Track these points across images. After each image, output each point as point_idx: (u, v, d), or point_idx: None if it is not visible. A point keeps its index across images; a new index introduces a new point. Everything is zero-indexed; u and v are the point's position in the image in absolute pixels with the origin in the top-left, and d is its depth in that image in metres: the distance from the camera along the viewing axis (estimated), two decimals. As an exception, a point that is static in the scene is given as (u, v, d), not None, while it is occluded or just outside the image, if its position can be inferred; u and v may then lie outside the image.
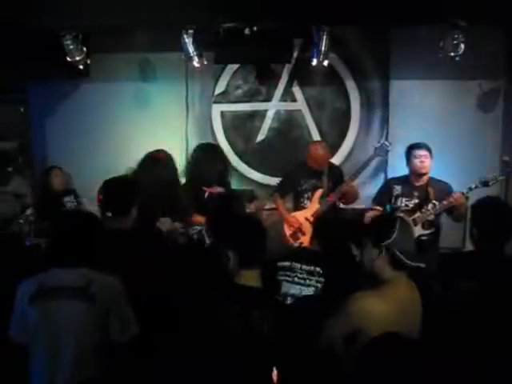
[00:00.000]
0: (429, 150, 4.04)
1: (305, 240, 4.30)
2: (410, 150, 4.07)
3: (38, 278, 2.26)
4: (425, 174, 4.06)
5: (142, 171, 3.86)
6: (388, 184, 4.33)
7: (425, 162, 4.01)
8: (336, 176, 4.45)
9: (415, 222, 3.98)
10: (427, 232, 4.00)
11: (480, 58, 4.72)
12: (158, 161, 3.96)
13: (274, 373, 2.20)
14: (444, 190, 3.98)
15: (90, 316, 2.18)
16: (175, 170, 4.03)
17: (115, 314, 2.23)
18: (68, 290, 2.20)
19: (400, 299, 2.14)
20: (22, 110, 5.47)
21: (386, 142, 4.41)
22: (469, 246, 2.92)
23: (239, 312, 2.00)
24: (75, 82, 5.28)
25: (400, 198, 4.10)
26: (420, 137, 4.37)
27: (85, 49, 4.57)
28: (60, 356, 2.16)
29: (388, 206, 4.13)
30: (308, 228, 4.28)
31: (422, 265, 2.17)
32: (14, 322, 2.26)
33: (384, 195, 4.23)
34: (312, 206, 4.40)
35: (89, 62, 4.72)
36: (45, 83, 5.24)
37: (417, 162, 4.02)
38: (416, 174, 4.07)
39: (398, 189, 4.13)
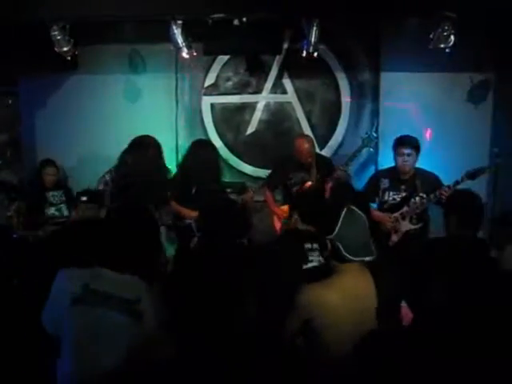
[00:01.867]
0: (415, 146, 3.99)
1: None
2: (396, 145, 4.05)
3: (84, 277, 2.02)
4: (409, 171, 4.03)
5: (135, 154, 4.11)
6: (375, 177, 4.31)
7: (408, 160, 3.98)
8: (325, 168, 4.42)
9: (403, 217, 3.99)
10: (415, 227, 3.99)
11: (470, 51, 4.71)
12: (149, 145, 4.18)
13: None
14: (432, 181, 3.97)
15: (136, 333, 1.96)
16: (163, 154, 4.29)
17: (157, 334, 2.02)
18: (116, 300, 1.97)
19: (348, 288, 2.15)
20: (10, 102, 5.41)
21: (374, 133, 4.39)
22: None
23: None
24: (64, 74, 5.23)
25: (387, 192, 4.10)
26: (410, 129, 4.38)
27: (72, 40, 4.52)
28: (96, 365, 1.95)
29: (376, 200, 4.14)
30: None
31: (368, 259, 2.16)
32: (47, 312, 2.04)
33: (371, 189, 4.21)
34: (301, 199, 4.38)
35: (77, 53, 4.68)
36: (34, 75, 5.19)
37: (400, 160, 4.01)
38: (400, 170, 4.06)
39: (385, 182, 4.12)
